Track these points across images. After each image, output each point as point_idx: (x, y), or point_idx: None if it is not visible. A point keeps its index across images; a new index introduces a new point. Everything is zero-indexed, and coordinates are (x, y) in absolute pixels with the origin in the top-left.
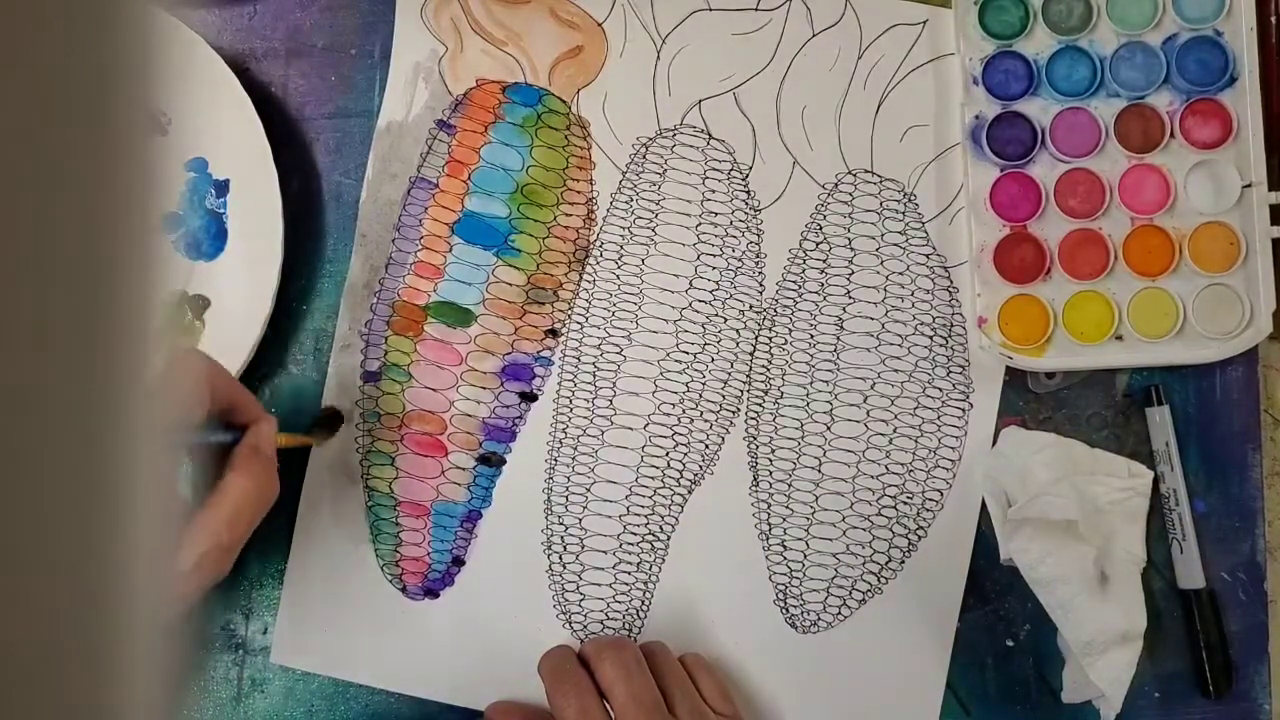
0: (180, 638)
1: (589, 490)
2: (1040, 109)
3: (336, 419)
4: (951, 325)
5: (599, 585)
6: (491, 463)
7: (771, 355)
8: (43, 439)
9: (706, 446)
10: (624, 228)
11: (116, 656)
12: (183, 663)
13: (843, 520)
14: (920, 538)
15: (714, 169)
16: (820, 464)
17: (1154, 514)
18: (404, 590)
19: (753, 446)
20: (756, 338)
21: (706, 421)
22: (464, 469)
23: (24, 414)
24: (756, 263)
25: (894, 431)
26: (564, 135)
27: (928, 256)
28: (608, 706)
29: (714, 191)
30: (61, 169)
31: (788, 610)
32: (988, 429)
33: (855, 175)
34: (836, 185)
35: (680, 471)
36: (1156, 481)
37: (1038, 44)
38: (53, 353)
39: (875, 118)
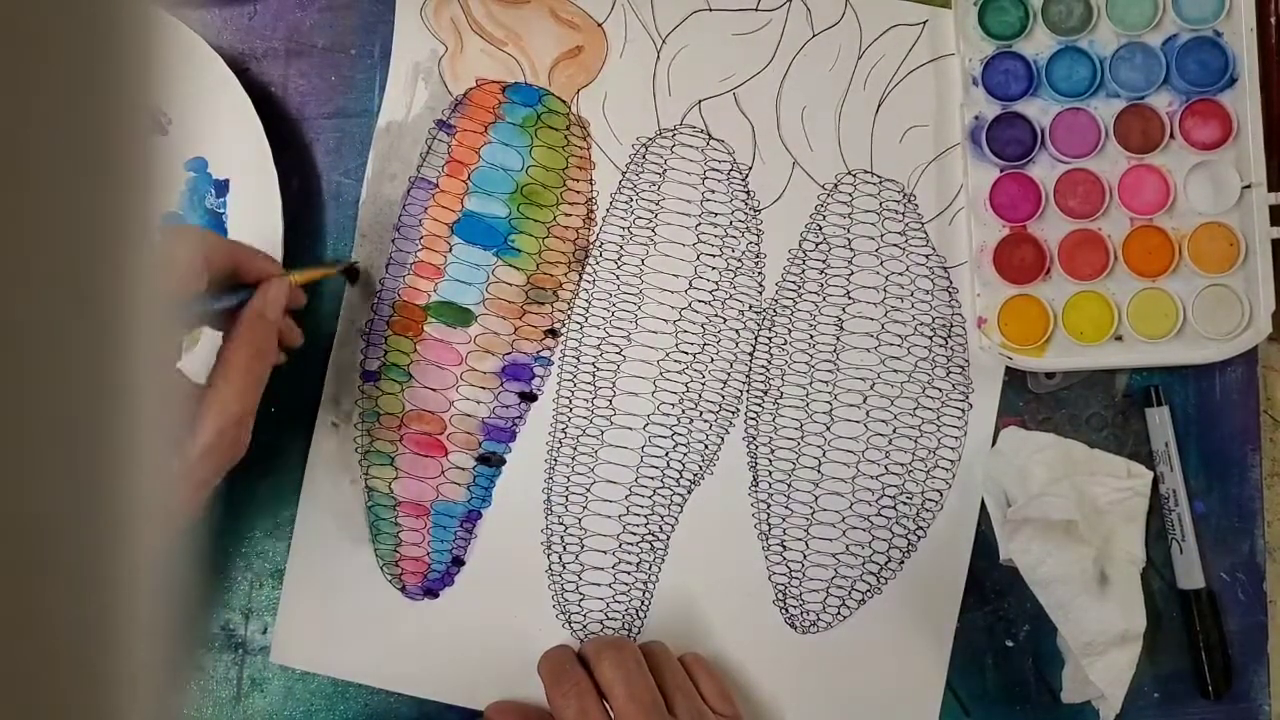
0: (189, 537)
1: (589, 490)
2: (1040, 109)
3: (355, 271)
4: (951, 325)
5: (599, 585)
6: (491, 463)
7: (771, 355)
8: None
9: (706, 446)
10: (624, 228)
11: (121, 559)
12: (187, 568)
13: (842, 520)
14: (920, 538)
15: (714, 169)
16: (820, 464)
17: (1154, 514)
18: (404, 590)
19: (752, 446)
20: (756, 338)
21: (706, 421)
22: (464, 469)
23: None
24: (756, 263)
25: (894, 432)
26: (564, 135)
27: (927, 257)
28: (607, 706)
29: (714, 191)
30: (61, 169)
31: (787, 610)
32: (987, 429)
33: (855, 176)
34: (836, 185)
35: (680, 471)
36: (1156, 482)
37: (1038, 44)
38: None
39: (875, 118)
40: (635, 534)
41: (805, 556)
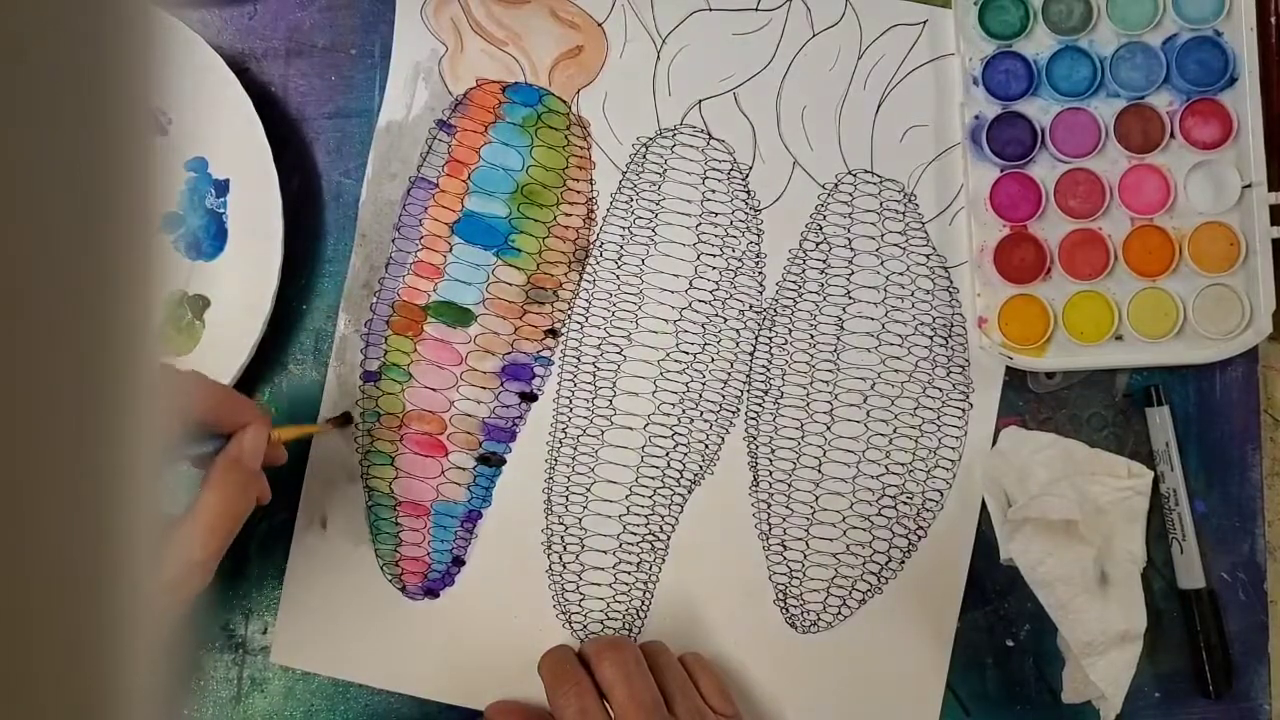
0: (172, 649)
1: (589, 490)
2: (1040, 109)
3: (346, 419)
4: (951, 325)
5: (599, 585)
6: (491, 463)
7: (771, 355)
8: (40, 437)
9: (706, 446)
10: (624, 228)
11: (116, 660)
12: (178, 673)
13: (843, 520)
14: (920, 538)
15: (714, 169)
16: (820, 464)
17: (1154, 514)
18: (404, 590)
19: (753, 446)
20: (756, 338)
21: (706, 421)
22: (464, 469)
23: (21, 414)
24: (756, 263)
25: (894, 431)
26: (564, 135)
27: (928, 257)
28: (608, 706)
29: (714, 191)
30: (61, 169)
31: (788, 610)
32: (988, 429)
33: (855, 175)
34: (836, 185)
35: (680, 471)
36: (1156, 481)
37: (1038, 44)
38: (52, 353)
39: (875, 118)
40: (635, 534)
41: (805, 556)
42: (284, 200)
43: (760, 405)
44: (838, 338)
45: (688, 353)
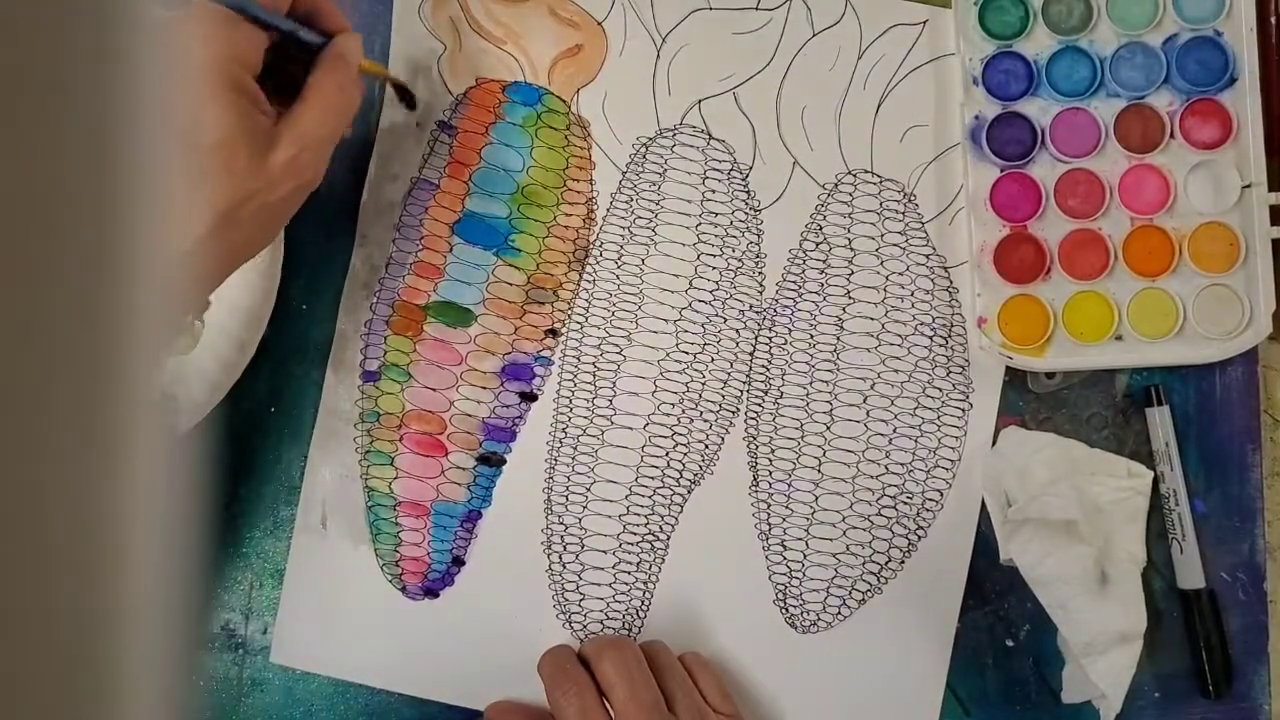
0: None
1: (589, 490)
2: (1040, 109)
3: (410, 99)
4: (951, 325)
5: (599, 585)
6: (491, 463)
7: (771, 355)
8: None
9: (706, 446)
10: (624, 228)
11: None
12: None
13: (843, 520)
14: (920, 538)
15: (714, 169)
16: (820, 464)
17: (1154, 514)
18: (404, 590)
19: (753, 446)
20: (756, 338)
21: (706, 421)
22: (464, 469)
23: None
24: (756, 263)
25: (894, 431)
26: (564, 135)
27: (928, 257)
28: (608, 706)
29: (714, 191)
30: (62, 169)
31: (788, 610)
32: (987, 429)
33: (855, 175)
34: (836, 185)
35: (680, 471)
36: (1156, 481)
37: (1038, 44)
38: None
39: (875, 118)
40: (635, 534)
41: (805, 556)
42: None
43: (760, 405)
44: (838, 338)
45: (688, 353)
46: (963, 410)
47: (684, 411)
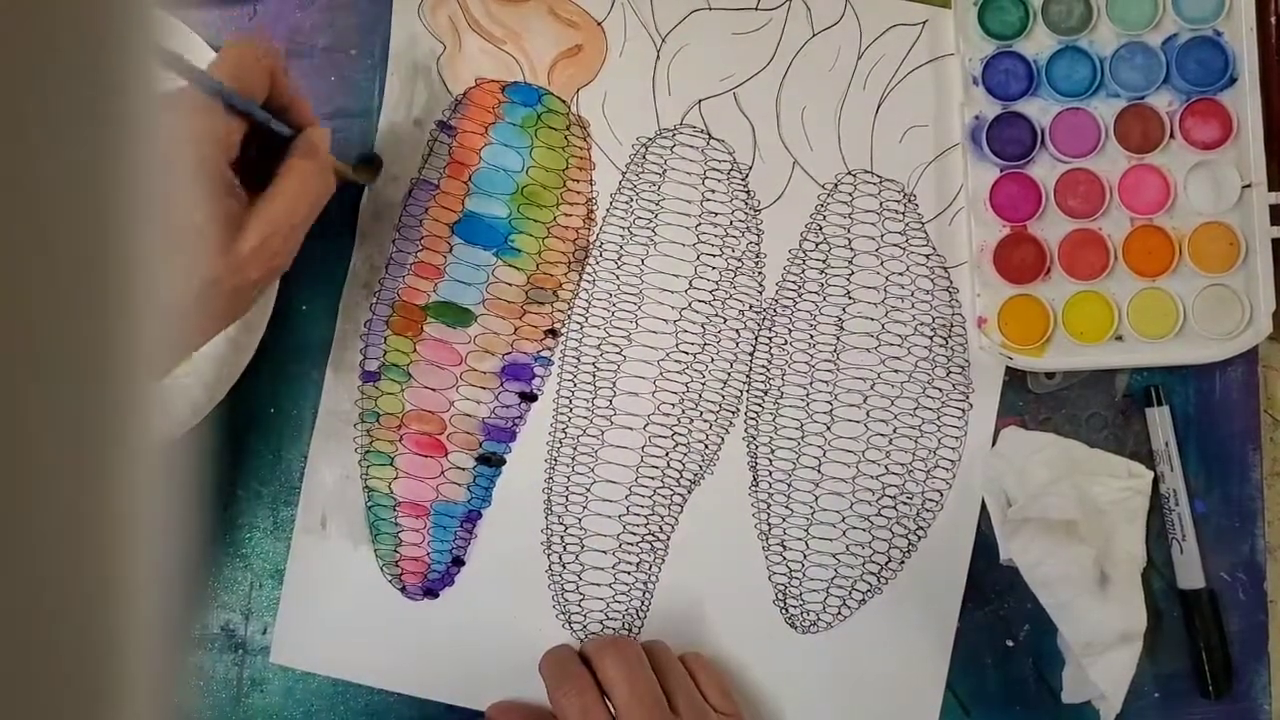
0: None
1: (589, 490)
2: (1040, 109)
3: (376, 161)
4: (951, 325)
5: (599, 585)
6: (491, 463)
7: (771, 355)
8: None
9: (706, 446)
10: (624, 228)
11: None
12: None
13: (842, 520)
14: (920, 538)
15: (714, 169)
16: (820, 464)
17: (1154, 514)
18: (404, 590)
19: (753, 446)
20: (756, 338)
21: (706, 421)
22: (464, 469)
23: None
24: (756, 263)
25: (894, 432)
26: (564, 135)
27: (928, 257)
28: (610, 705)
29: (714, 191)
30: (61, 169)
31: (788, 610)
32: (987, 429)
33: (855, 175)
34: (836, 185)
35: (680, 471)
36: (1156, 481)
37: (1038, 44)
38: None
39: (875, 118)
40: (635, 534)
41: (805, 556)
42: None
43: (760, 405)
44: (837, 338)
45: (688, 353)
46: (963, 410)
47: (684, 411)
